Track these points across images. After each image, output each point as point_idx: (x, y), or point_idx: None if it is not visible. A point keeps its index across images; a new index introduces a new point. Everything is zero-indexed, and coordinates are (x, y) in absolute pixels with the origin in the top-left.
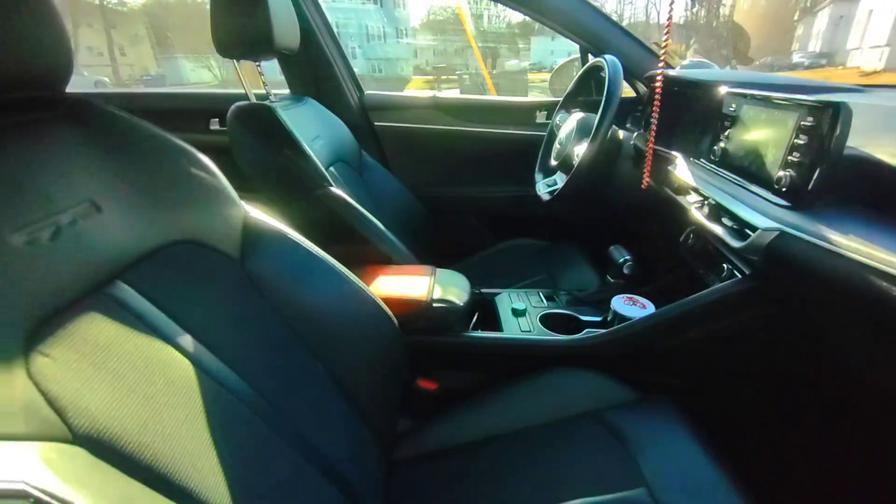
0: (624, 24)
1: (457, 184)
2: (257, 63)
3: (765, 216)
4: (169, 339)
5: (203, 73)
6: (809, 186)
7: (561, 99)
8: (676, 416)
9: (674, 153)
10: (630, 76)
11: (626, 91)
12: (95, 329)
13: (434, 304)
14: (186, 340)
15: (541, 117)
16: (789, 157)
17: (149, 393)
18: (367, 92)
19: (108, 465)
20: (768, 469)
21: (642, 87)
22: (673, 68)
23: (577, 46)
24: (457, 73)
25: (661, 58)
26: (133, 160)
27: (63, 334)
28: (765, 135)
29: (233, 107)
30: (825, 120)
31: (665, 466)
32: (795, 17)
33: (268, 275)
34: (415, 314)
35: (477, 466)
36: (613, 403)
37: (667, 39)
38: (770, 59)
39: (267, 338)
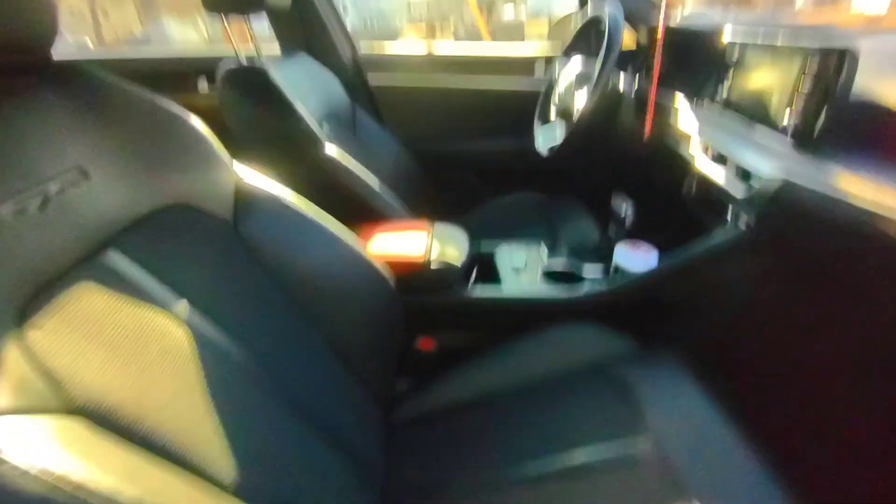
0: None
1: (454, 139)
2: (246, 18)
3: (770, 163)
4: (163, 306)
5: (189, 32)
6: (815, 132)
7: (561, 50)
8: (681, 367)
9: (675, 101)
10: (631, 26)
11: (627, 41)
12: (88, 299)
13: (432, 264)
14: (181, 307)
15: (540, 69)
16: (795, 100)
17: (145, 361)
18: (360, 48)
19: (108, 435)
20: (775, 417)
21: (643, 37)
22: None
23: None
24: (451, 22)
25: (662, 8)
26: (121, 124)
27: (55, 306)
28: (769, 80)
29: (222, 68)
30: (831, 65)
31: (670, 417)
32: None
33: (261, 238)
34: (412, 274)
35: (479, 425)
36: (617, 357)
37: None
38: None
39: (262, 302)
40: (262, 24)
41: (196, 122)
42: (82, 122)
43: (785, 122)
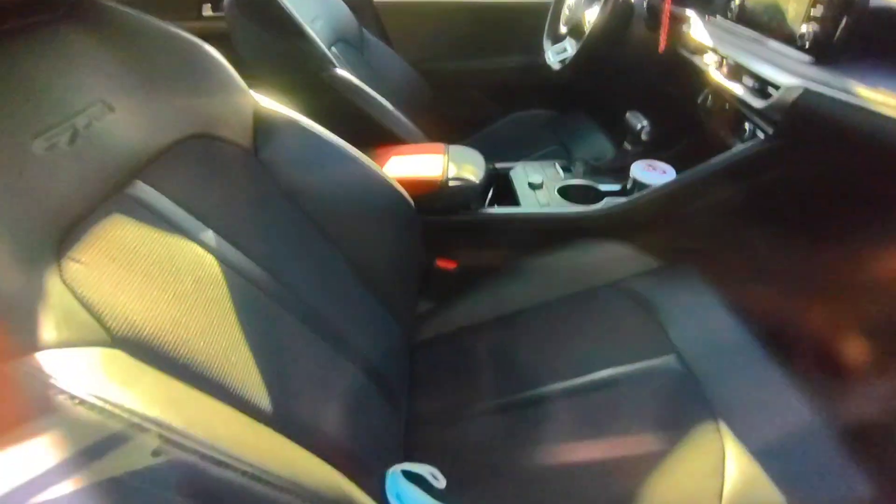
0: None
1: (461, 57)
2: None
3: (788, 73)
4: (192, 236)
5: None
6: (834, 40)
7: None
8: (701, 281)
9: (687, 11)
10: None
11: None
12: (121, 231)
13: (450, 183)
14: (209, 236)
15: None
16: (812, 11)
17: (179, 291)
18: None
19: (148, 365)
20: (799, 332)
21: None
22: None
23: None
24: None
25: None
26: (140, 55)
27: (91, 239)
28: None
29: None
30: None
31: (693, 332)
32: None
33: (282, 163)
34: (430, 194)
35: (501, 342)
36: (637, 272)
37: None
38: None
39: (286, 228)
40: None
41: (212, 50)
42: (103, 54)
43: (802, 33)
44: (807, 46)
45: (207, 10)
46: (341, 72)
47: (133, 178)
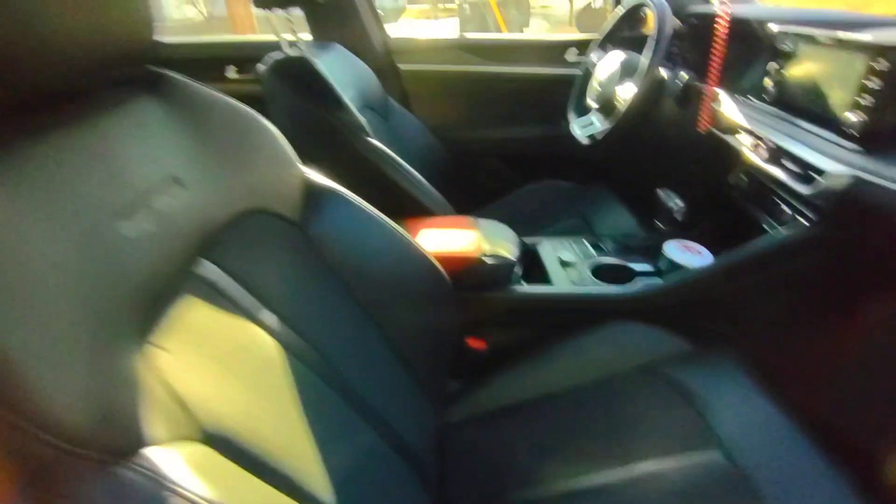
0: None
1: (481, 126)
2: (287, 13)
3: (834, 160)
4: (252, 317)
5: (187, 9)
6: (883, 129)
7: (599, 37)
8: (737, 367)
9: (717, 90)
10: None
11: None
12: (192, 313)
13: (485, 259)
14: (268, 317)
15: (571, 55)
16: (860, 100)
17: (247, 379)
18: (391, 35)
19: (231, 461)
20: (846, 424)
21: (677, 23)
22: (710, 3)
23: None
24: (455, 1)
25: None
26: (207, 129)
27: (168, 322)
28: (828, 76)
29: (269, 59)
30: None
31: (735, 423)
32: None
33: (328, 238)
34: (466, 270)
35: (535, 427)
36: (670, 356)
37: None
38: None
39: (330, 304)
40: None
41: (268, 123)
42: (175, 128)
43: (849, 121)
44: (854, 135)
45: (232, 72)
46: (374, 141)
47: (197, 256)
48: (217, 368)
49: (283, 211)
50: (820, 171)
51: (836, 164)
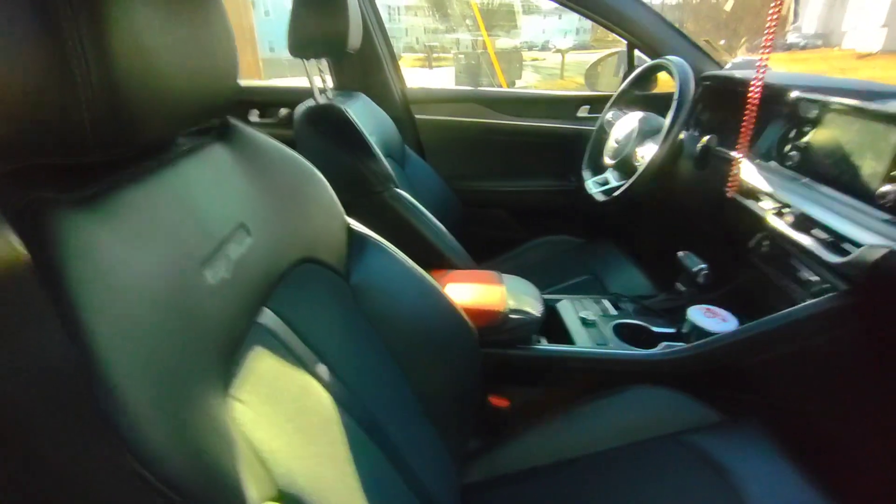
0: None
1: (490, 177)
2: (318, 62)
3: (869, 231)
4: (311, 370)
5: None
6: None
7: (607, 94)
8: (768, 439)
9: (734, 154)
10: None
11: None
12: (263, 365)
13: (511, 315)
14: (322, 370)
15: (583, 112)
16: (894, 172)
17: (313, 435)
18: (409, 86)
19: None
20: (875, 496)
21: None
22: (721, 66)
23: (572, 27)
24: (451, 52)
25: (760, 62)
26: (269, 179)
27: (243, 374)
28: (859, 145)
29: (302, 107)
30: None
31: (770, 500)
32: None
33: (368, 287)
34: (492, 326)
35: (557, 493)
36: (696, 425)
37: (768, 47)
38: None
39: (370, 356)
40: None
41: (318, 173)
42: (243, 177)
43: (884, 192)
44: (890, 206)
45: (254, 116)
46: (401, 191)
47: (261, 306)
48: (285, 422)
49: (330, 260)
50: (854, 242)
51: (872, 235)
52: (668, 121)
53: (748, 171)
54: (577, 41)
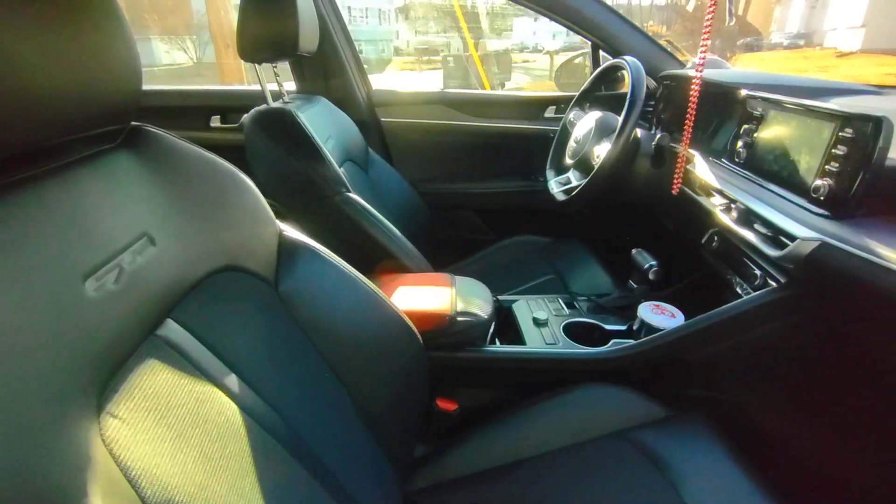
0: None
1: (459, 179)
2: (274, 66)
3: (803, 225)
4: (217, 382)
5: (177, 54)
6: (850, 196)
7: (575, 95)
8: (711, 434)
9: (692, 151)
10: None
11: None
12: (154, 379)
13: (458, 318)
14: (231, 380)
15: (550, 112)
16: (827, 166)
17: (206, 449)
18: (374, 88)
19: None
20: (814, 490)
21: (652, 84)
22: (683, 65)
23: (562, 28)
24: (440, 53)
25: (699, 61)
26: (183, 185)
27: (127, 389)
28: (797, 141)
29: (252, 111)
30: (867, 132)
31: (706, 494)
32: None
33: (300, 296)
34: (437, 329)
35: (504, 495)
36: (643, 422)
37: (705, 47)
38: (750, 39)
39: (299, 366)
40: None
41: (247, 179)
42: (150, 186)
43: (817, 186)
44: (821, 200)
45: (216, 122)
46: (353, 196)
47: (164, 317)
48: (172, 438)
49: (256, 268)
50: (789, 236)
51: (805, 229)
52: (621, 120)
53: (702, 169)
54: (566, 42)
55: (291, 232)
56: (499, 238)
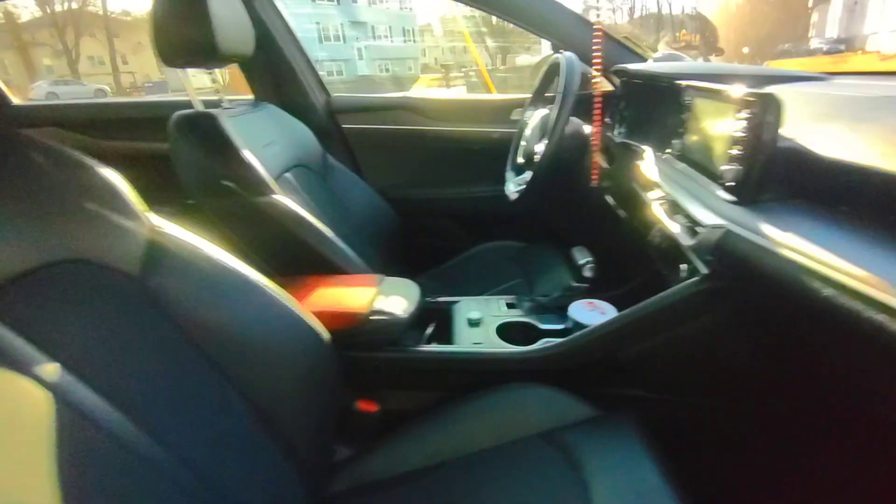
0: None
1: (430, 185)
2: (209, 71)
3: (713, 212)
4: (24, 370)
5: (204, 77)
6: (752, 181)
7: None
8: (637, 434)
9: (643, 147)
10: (604, 71)
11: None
12: None
13: (372, 317)
14: (49, 369)
15: (517, 115)
16: (732, 151)
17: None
18: (334, 95)
19: None
20: (735, 487)
21: (617, 81)
22: (645, 60)
23: None
24: (462, 70)
25: (595, 57)
26: (16, 178)
27: None
28: (713, 128)
29: (173, 115)
30: (757, 112)
31: (615, 497)
32: (810, 4)
33: (174, 293)
34: (351, 329)
35: (422, 497)
36: (572, 422)
37: (598, 48)
38: (787, 45)
39: (169, 365)
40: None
41: (106, 172)
42: None
43: (722, 172)
44: (729, 186)
45: None
46: (279, 199)
47: None
48: None
49: (115, 262)
50: (701, 225)
51: (714, 217)
52: (553, 115)
53: (648, 164)
54: None
55: (167, 228)
56: (475, 244)
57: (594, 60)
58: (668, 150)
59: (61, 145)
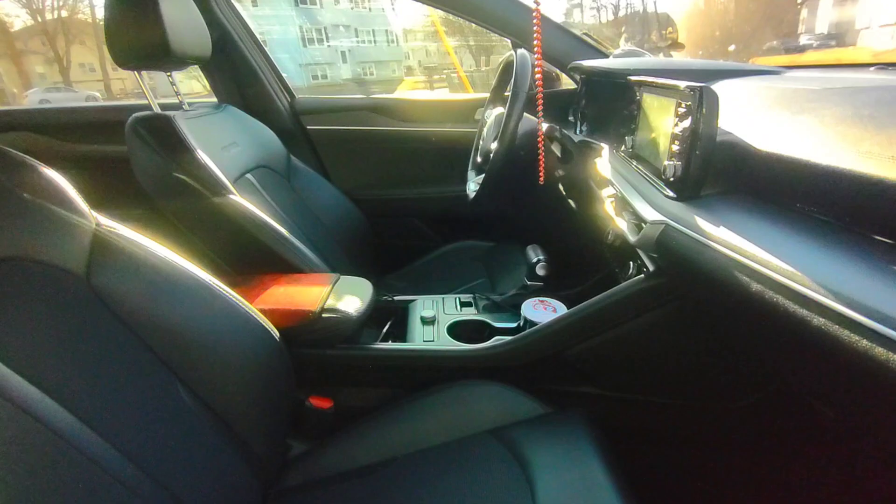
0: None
1: (397, 186)
2: (168, 74)
3: (655, 209)
4: None
5: (193, 83)
6: (690, 175)
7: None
8: (584, 431)
9: (602, 145)
10: (563, 68)
11: (567, 83)
12: None
13: (323, 315)
14: None
15: (479, 114)
16: (672, 146)
17: None
18: (298, 96)
19: None
20: (680, 483)
21: (578, 79)
22: (607, 57)
23: None
24: (444, 72)
25: (536, 49)
26: None
27: None
28: (658, 123)
29: (130, 117)
30: (694, 105)
31: (559, 493)
32: (799, 0)
33: (120, 291)
34: (302, 326)
35: (371, 492)
36: (520, 418)
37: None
38: (776, 42)
39: (116, 363)
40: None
41: (49, 172)
42: None
43: (664, 167)
44: (671, 181)
45: None
46: (235, 199)
47: None
48: None
49: (57, 261)
50: (645, 221)
51: (655, 213)
52: (505, 113)
53: (603, 163)
54: None
55: (113, 227)
56: (445, 244)
57: (535, 50)
58: (623, 148)
59: (5, 147)
